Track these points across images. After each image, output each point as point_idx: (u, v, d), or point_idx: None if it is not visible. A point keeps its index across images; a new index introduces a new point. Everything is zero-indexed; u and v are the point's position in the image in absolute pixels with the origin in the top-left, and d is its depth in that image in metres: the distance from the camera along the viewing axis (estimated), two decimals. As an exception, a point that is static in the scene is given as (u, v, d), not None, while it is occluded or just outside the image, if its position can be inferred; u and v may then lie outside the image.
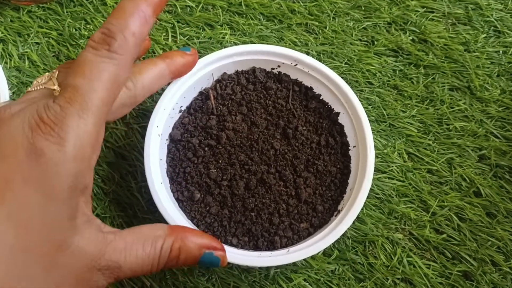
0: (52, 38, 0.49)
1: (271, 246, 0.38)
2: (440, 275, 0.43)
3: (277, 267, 0.41)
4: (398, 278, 0.42)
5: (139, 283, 0.40)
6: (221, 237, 0.38)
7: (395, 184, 0.46)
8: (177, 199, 0.39)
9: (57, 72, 0.32)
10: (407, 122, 0.49)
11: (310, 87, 0.44)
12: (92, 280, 0.28)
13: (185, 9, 0.53)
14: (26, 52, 0.48)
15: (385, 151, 0.47)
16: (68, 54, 0.48)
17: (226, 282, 0.41)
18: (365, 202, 0.44)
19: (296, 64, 0.43)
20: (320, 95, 0.44)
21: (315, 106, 0.44)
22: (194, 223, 0.38)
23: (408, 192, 0.46)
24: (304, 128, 0.42)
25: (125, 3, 0.31)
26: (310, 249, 0.36)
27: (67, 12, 0.51)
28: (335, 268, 0.42)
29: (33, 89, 0.32)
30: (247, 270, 0.41)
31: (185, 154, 0.41)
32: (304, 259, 0.42)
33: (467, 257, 0.43)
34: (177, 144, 0.42)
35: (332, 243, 0.38)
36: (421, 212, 0.45)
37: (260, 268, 0.41)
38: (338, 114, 0.43)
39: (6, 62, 0.47)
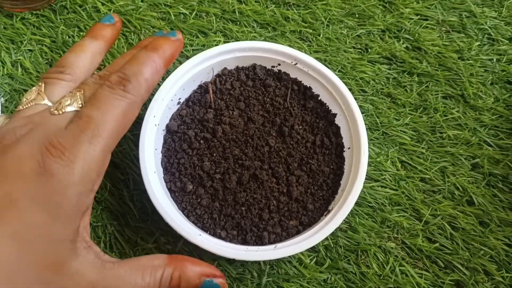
0: (45, 45, 0.49)
1: (259, 241, 0.38)
2: (433, 284, 0.43)
3: (268, 275, 0.41)
4: (390, 287, 0.42)
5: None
6: (210, 229, 0.39)
7: (388, 192, 0.46)
8: (170, 189, 0.40)
9: (43, 85, 0.33)
10: (401, 130, 0.49)
11: (309, 87, 0.44)
12: None
13: (178, 16, 0.53)
14: (19, 59, 0.48)
15: (378, 159, 0.47)
16: (61, 62, 0.48)
17: (217, 291, 0.41)
18: (357, 211, 0.44)
19: (296, 63, 0.43)
20: (318, 96, 0.44)
21: (313, 106, 0.44)
22: (184, 214, 0.39)
23: (401, 200, 0.46)
24: (300, 127, 0.43)
25: (140, 54, 0.35)
26: (298, 246, 0.36)
27: (60, 19, 0.51)
28: (327, 277, 0.42)
29: (24, 106, 0.32)
30: (239, 279, 0.41)
31: (181, 146, 0.41)
32: (296, 268, 0.42)
33: (460, 266, 0.43)
34: (173, 135, 0.42)
35: (324, 251, 0.38)
36: (414, 221, 0.45)
37: (251, 272, 0.41)
38: (335, 115, 0.43)
39: (-2, 69, 0.47)
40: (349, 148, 0.42)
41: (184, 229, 0.35)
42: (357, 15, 0.56)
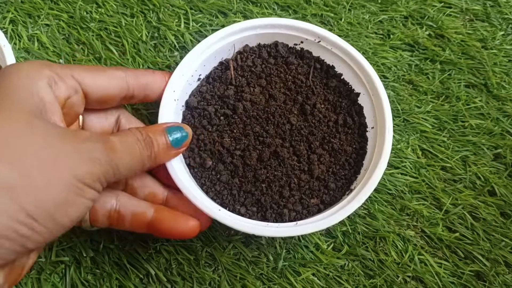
0: (63, 21, 0.48)
1: (279, 218, 0.38)
2: (452, 274, 0.42)
3: (285, 259, 0.40)
4: (409, 276, 0.41)
5: (144, 271, 0.39)
6: (229, 205, 0.38)
7: (408, 180, 0.45)
8: (189, 165, 0.39)
9: None
10: (422, 118, 0.48)
11: (332, 65, 0.43)
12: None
13: (198, -5, 0.52)
14: (36, 33, 0.47)
15: (398, 146, 0.46)
16: (79, 37, 0.48)
17: (232, 273, 0.40)
18: (376, 198, 0.43)
19: (320, 41, 0.42)
20: (341, 75, 0.43)
21: (336, 85, 0.43)
22: (203, 190, 0.38)
23: (421, 188, 0.45)
24: (322, 106, 0.42)
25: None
26: (319, 224, 0.35)
27: (78, -6, 0.50)
28: (345, 264, 0.41)
29: None
30: (254, 262, 0.40)
31: (200, 122, 0.41)
32: (313, 253, 0.41)
33: (480, 257, 0.42)
34: (192, 111, 0.41)
35: (342, 237, 0.37)
36: (434, 209, 0.44)
37: (267, 255, 0.40)
38: (358, 94, 0.42)
39: (15, 43, 0.47)
40: (372, 127, 0.41)
41: (204, 203, 0.35)
42: (379, 1, 0.55)
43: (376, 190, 0.44)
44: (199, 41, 0.42)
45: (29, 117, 0.28)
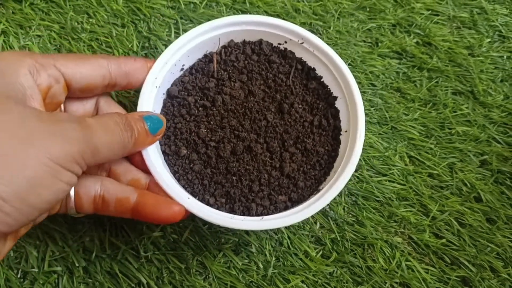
0: (54, 31, 0.49)
1: (246, 211, 0.38)
2: (439, 280, 0.43)
3: (274, 267, 0.41)
4: (396, 282, 0.42)
5: (135, 280, 0.40)
6: (199, 194, 0.39)
7: (395, 187, 0.46)
8: (164, 152, 0.40)
9: None
10: (409, 125, 0.49)
11: (313, 68, 0.44)
12: None
13: (188, 5, 0.53)
14: (28, 44, 0.48)
15: (386, 154, 0.47)
16: (70, 48, 0.48)
17: (223, 281, 0.41)
18: (364, 205, 0.44)
19: (303, 42, 0.43)
20: (321, 77, 0.44)
21: (315, 87, 0.44)
22: (176, 177, 0.39)
23: (408, 195, 0.46)
24: (300, 106, 0.42)
25: None
26: (283, 220, 0.36)
27: (69, 5, 0.50)
28: (333, 271, 0.42)
29: None
30: (244, 270, 0.41)
31: (179, 111, 0.41)
32: (302, 261, 0.42)
33: (466, 263, 0.43)
34: (173, 100, 0.42)
35: (331, 244, 0.38)
36: (421, 216, 0.45)
37: (256, 263, 0.41)
38: (335, 98, 0.43)
39: (7, 54, 0.47)
40: (346, 131, 0.42)
41: (174, 190, 0.35)
42: (368, 9, 0.56)
43: (364, 197, 0.45)
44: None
45: (6, 100, 0.28)
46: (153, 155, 0.37)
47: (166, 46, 0.49)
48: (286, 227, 0.43)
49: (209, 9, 0.53)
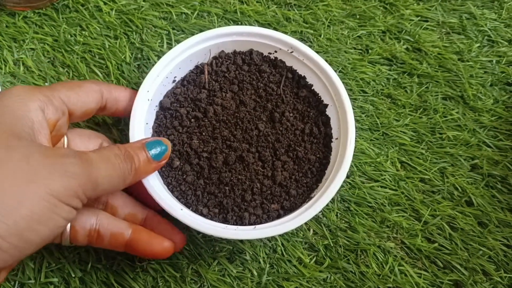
0: (48, 44, 0.49)
1: (239, 221, 0.39)
2: (432, 284, 0.43)
3: (268, 274, 0.41)
4: (389, 287, 0.42)
5: (131, 290, 0.40)
6: (193, 205, 0.39)
7: (387, 193, 0.46)
8: None
9: None
10: (400, 131, 0.50)
11: (304, 76, 0.44)
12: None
13: (180, 16, 0.53)
14: (21, 58, 0.48)
15: (378, 159, 0.47)
16: (63, 60, 0.49)
17: (218, 289, 0.41)
18: (357, 211, 0.44)
19: (293, 52, 0.44)
20: (312, 85, 0.44)
21: (305, 95, 0.44)
22: (169, 189, 0.39)
23: (400, 201, 0.46)
24: (291, 114, 0.43)
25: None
26: (276, 229, 0.36)
27: (62, 18, 0.51)
28: (327, 277, 0.42)
29: None
30: (239, 277, 0.41)
31: (172, 122, 0.42)
32: (296, 267, 0.42)
33: (459, 266, 0.44)
34: (165, 112, 0.43)
35: (324, 250, 0.38)
36: (413, 221, 0.45)
37: (251, 271, 0.41)
38: (326, 105, 0.44)
39: (1, 68, 0.48)
40: (337, 138, 0.42)
41: (166, 202, 0.36)
42: (358, 16, 0.56)
43: (356, 203, 0.45)
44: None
45: (11, 137, 0.28)
46: None
47: (159, 57, 0.49)
48: (280, 234, 0.43)
49: (200, 19, 0.53)
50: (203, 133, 0.41)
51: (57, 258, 0.40)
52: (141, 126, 0.39)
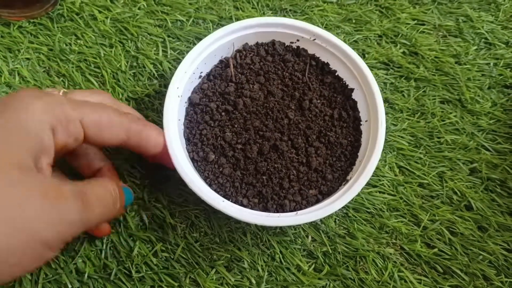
0: (43, 54, 0.49)
1: (280, 209, 0.39)
2: (432, 290, 0.43)
3: (267, 282, 0.41)
4: (389, 294, 0.42)
5: (129, 301, 0.40)
6: (232, 197, 0.40)
7: (386, 198, 0.46)
8: (192, 159, 0.41)
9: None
10: (398, 136, 0.49)
11: (327, 63, 0.45)
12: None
13: (175, 23, 0.53)
14: (17, 68, 0.48)
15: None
16: (59, 70, 0.48)
17: (216, 299, 0.41)
18: (355, 217, 0.44)
19: (315, 39, 0.44)
20: (336, 71, 0.45)
21: (331, 81, 0.45)
22: (207, 183, 0.40)
23: (399, 206, 0.46)
24: (318, 101, 0.44)
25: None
26: (318, 213, 0.37)
27: (57, 27, 0.51)
28: (326, 284, 0.42)
29: None
30: (237, 286, 0.41)
31: (203, 117, 0.42)
32: (295, 275, 0.42)
33: (459, 272, 0.43)
34: (195, 108, 0.43)
35: (323, 257, 0.38)
36: (412, 226, 0.45)
37: (249, 279, 0.41)
38: (352, 90, 0.44)
39: (-4, 78, 0.47)
40: (366, 121, 0.43)
41: (208, 195, 0.36)
42: (353, 21, 0.56)
43: (355, 209, 0.45)
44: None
45: (14, 165, 0.27)
46: (184, 163, 0.37)
47: (154, 64, 0.49)
48: (278, 242, 0.43)
49: (196, 26, 0.53)
50: (235, 126, 0.42)
51: (54, 269, 0.40)
52: (174, 122, 0.39)
